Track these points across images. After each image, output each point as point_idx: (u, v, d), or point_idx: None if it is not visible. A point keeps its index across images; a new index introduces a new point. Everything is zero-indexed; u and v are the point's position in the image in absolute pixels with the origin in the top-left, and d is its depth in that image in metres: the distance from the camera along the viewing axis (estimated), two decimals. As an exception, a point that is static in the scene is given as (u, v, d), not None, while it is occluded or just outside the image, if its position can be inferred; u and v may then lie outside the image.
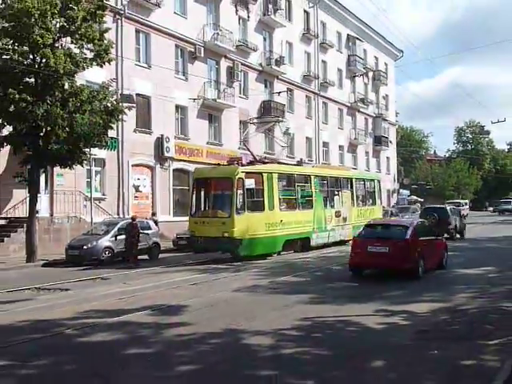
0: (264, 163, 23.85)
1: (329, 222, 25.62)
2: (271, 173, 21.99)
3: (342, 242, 26.54)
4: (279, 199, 22.19)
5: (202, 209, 21.92)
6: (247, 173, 20.80)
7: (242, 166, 21.59)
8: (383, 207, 40.28)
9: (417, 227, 16.80)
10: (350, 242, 26.88)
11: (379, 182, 33.88)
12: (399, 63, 65.59)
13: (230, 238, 19.68)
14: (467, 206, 61.80)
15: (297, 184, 24.03)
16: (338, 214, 26.52)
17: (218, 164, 24.47)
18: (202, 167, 26.62)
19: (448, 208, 33.83)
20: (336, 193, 27.39)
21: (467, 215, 53.62)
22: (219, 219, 20.35)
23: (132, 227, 20.48)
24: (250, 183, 20.74)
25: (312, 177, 25.29)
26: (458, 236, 30.90)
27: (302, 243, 23.77)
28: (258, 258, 20.68)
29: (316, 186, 25.24)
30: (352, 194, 28.65)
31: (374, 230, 17.73)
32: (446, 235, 23.60)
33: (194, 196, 22.03)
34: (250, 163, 23.13)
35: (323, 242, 25.20)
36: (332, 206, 26.47)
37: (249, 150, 26.55)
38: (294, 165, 28.05)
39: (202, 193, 22.07)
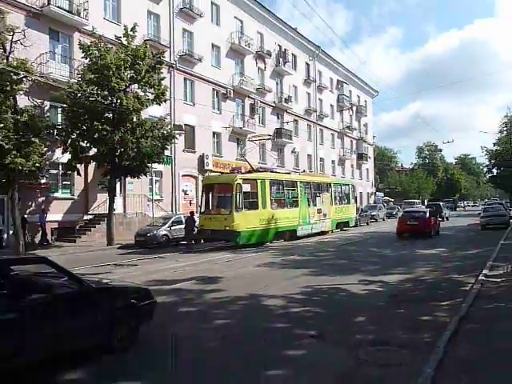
0: (259, 172, 22.32)
1: (312, 218, 24.46)
2: (264, 179, 20.82)
3: (323, 233, 25.72)
4: (271, 200, 20.99)
5: (210, 207, 20.69)
6: (244, 179, 19.78)
7: (241, 174, 20.64)
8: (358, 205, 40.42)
9: (430, 212, 24.51)
10: (329, 233, 26.52)
11: (353, 186, 32.53)
12: (375, 100, 65.17)
13: (230, 230, 18.70)
14: (420, 205, 58.64)
15: (285, 188, 22.76)
16: (319, 211, 25.39)
17: (222, 173, 23.97)
18: (209, 175, 25.83)
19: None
20: (318, 194, 26.08)
21: None
22: (222, 215, 19.28)
23: (190, 220, 20.39)
24: (246, 187, 19.69)
25: (298, 182, 24.05)
26: (446, 219, 37.52)
27: (289, 234, 22.43)
28: (255, 245, 19.71)
29: (301, 190, 23.99)
30: (331, 195, 27.42)
31: (409, 213, 24.93)
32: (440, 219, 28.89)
33: (203, 198, 20.81)
34: (249, 172, 21.88)
35: (307, 232, 24.05)
36: (314, 205, 25.16)
37: (247, 161, 24.77)
38: (286, 173, 26.65)
39: (210, 195, 20.86)
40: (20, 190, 17.90)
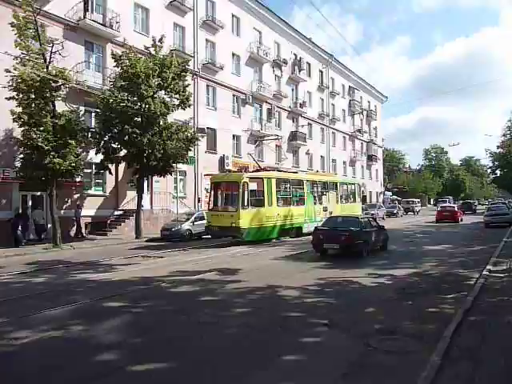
0: (267, 171, 21.34)
1: (318, 215, 22.92)
2: (270, 178, 19.78)
3: None
4: (277, 198, 19.98)
5: (217, 205, 19.60)
6: (251, 178, 18.97)
7: (248, 172, 20.10)
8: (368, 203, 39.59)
9: (458, 207, 36.40)
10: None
11: (359, 185, 31.26)
12: (385, 105, 64.19)
13: (236, 227, 17.86)
14: (419, 204, 56.32)
15: (292, 186, 21.59)
16: (325, 209, 23.87)
17: (229, 171, 23.59)
18: (218, 174, 25.01)
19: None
20: (324, 193, 24.78)
21: (419, 211, 50.60)
22: (229, 213, 18.33)
23: None
24: (253, 186, 18.86)
25: (304, 181, 22.93)
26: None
27: (296, 231, 21.32)
28: (261, 242, 18.76)
29: (307, 188, 22.79)
30: (337, 194, 26.06)
31: (443, 207, 35.91)
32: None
33: (212, 195, 19.71)
34: (256, 171, 21.17)
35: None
36: (320, 203, 23.90)
37: (255, 160, 24.24)
38: (293, 172, 25.60)
39: (218, 193, 19.86)
40: (57, 188, 18.21)
